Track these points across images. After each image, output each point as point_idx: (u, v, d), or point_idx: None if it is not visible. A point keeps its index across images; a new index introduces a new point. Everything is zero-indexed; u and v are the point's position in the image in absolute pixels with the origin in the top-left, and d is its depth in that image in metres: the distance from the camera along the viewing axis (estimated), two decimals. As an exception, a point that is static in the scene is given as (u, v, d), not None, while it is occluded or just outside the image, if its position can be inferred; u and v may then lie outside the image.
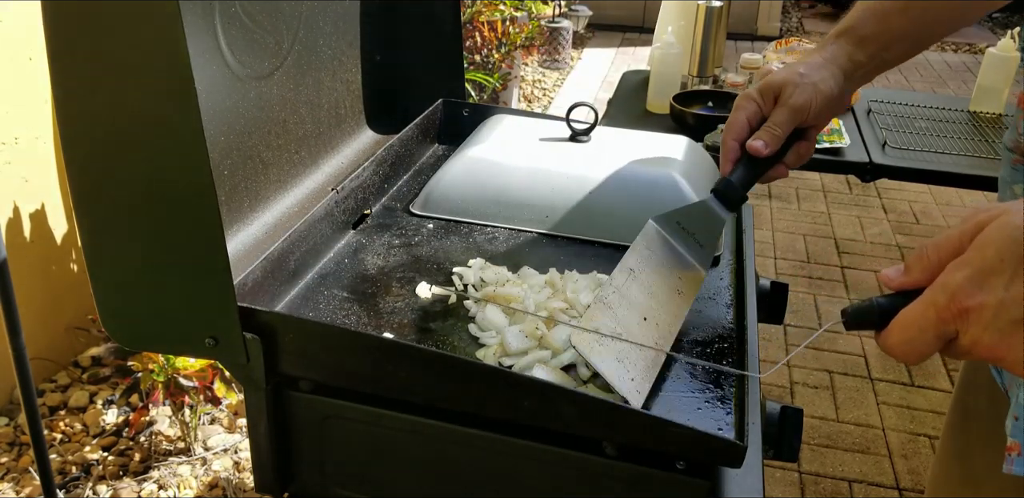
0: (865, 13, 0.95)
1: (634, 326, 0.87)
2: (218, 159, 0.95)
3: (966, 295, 0.54)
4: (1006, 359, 0.54)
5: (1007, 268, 0.53)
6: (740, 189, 0.95)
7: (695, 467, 0.77)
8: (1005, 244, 0.53)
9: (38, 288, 2.26)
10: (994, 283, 0.53)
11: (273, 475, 0.92)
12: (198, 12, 0.89)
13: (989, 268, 0.53)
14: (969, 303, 0.54)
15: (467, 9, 3.86)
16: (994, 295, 0.53)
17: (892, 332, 0.59)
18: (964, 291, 0.54)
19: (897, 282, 0.60)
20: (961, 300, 0.54)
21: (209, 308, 0.82)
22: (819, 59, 0.95)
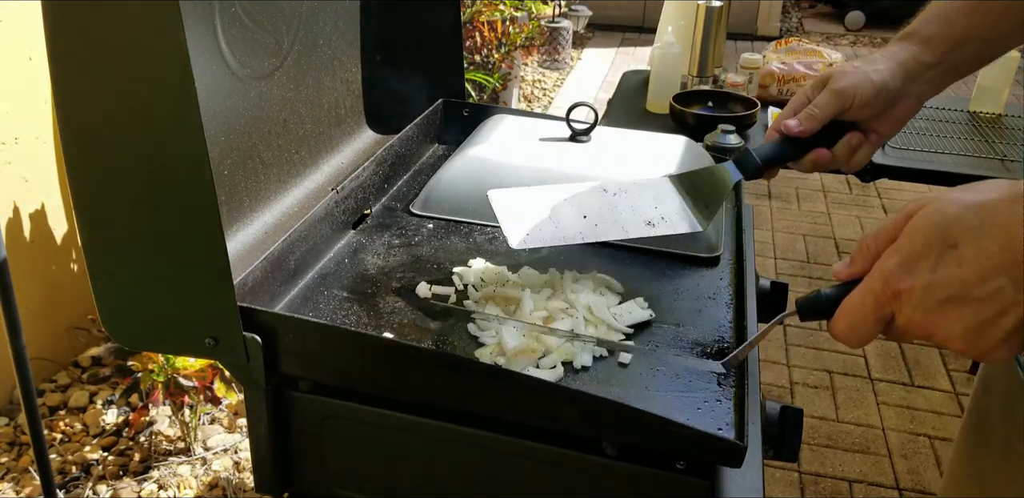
0: (929, 15, 0.93)
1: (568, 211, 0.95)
2: (218, 159, 0.95)
3: (897, 279, 0.59)
4: (936, 335, 0.59)
5: (932, 253, 0.58)
6: (756, 159, 0.94)
7: (695, 467, 0.77)
8: (930, 231, 0.58)
9: (38, 288, 2.26)
10: (921, 267, 0.58)
11: (273, 475, 0.92)
12: (198, 12, 0.89)
13: (917, 254, 0.58)
14: (900, 286, 0.59)
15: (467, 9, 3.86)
16: (921, 278, 0.58)
17: (838, 319, 0.65)
18: (896, 276, 0.59)
19: (844, 273, 0.66)
20: (893, 284, 0.59)
21: (209, 308, 0.82)
22: (879, 56, 0.93)
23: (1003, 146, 2.35)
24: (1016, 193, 0.56)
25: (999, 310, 0.56)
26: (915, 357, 2.69)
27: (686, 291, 1.03)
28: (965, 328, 0.57)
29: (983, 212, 0.57)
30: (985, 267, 0.56)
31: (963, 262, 0.57)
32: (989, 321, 0.56)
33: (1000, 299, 0.56)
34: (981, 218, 0.57)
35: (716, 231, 1.12)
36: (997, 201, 0.57)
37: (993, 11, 0.90)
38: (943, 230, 0.57)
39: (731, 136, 1.91)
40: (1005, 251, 0.55)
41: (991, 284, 0.56)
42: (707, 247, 1.10)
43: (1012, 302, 0.55)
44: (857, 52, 6.26)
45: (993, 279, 0.55)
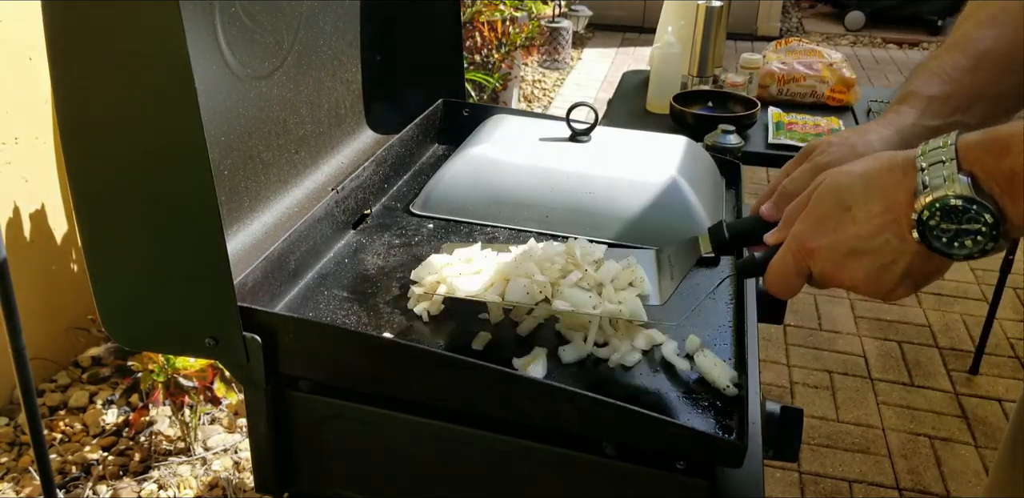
0: (927, 75, 0.86)
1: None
2: (218, 159, 0.95)
3: (808, 239, 0.70)
4: (845, 282, 0.70)
5: (832, 216, 0.69)
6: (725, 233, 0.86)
7: (695, 467, 0.77)
8: (829, 198, 0.69)
9: (38, 288, 2.26)
10: (825, 228, 0.69)
11: (273, 475, 0.92)
12: (198, 12, 0.89)
13: (821, 217, 0.70)
14: (811, 245, 0.70)
15: (467, 9, 3.86)
16: (827, 237, 0.69)
17: (769, 275, 0.75)
18: (806, 236, 0.70)
19: (772, 239, 0.77)
20: (805, 243, 0.71)
21: (209, 308, 0.82)
22: (874, 124, 0.87)
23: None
24: (894, 162, 0.66)
25: (890, 259, 0.67)
26: (915, 357, 2.69)
27: (686, 291, 1.03)
28: (866, 274, 0.68)
29: (867, 179, 0.67)
30: (874, 225, 0.66)
31: (856, 221, 0.67)
32: (884, 267, 0.67)
33: (889, 250, 0.66)
34: (866, 185, 0.67)
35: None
36: (878, 170, 0.67)
37: (996, 66, 0.85)
38: (839, 197, 0.68)
39: (731, 136, 1.91)
40: (886, 211, 0.65)
41: (880, 238, 0.66)
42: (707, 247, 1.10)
43: (899, 252, 0.66)
44: (857, 52, 6.26)
45: (881, 234, 0.66)
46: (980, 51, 0.85)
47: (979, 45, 0.86)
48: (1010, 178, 0.60)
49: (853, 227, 0.67)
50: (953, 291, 3.08)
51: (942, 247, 0.63)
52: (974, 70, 0.85)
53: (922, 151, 0.64)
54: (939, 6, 6.49)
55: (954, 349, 2.73)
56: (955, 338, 2.80)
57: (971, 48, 0.86)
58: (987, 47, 0.85)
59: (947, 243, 0.63)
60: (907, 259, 0.66)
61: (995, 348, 2.71)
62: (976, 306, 2.97)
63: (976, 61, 0.85)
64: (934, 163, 0.63)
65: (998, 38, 0.85)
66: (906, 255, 0.66)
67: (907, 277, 0.67)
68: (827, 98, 2.55)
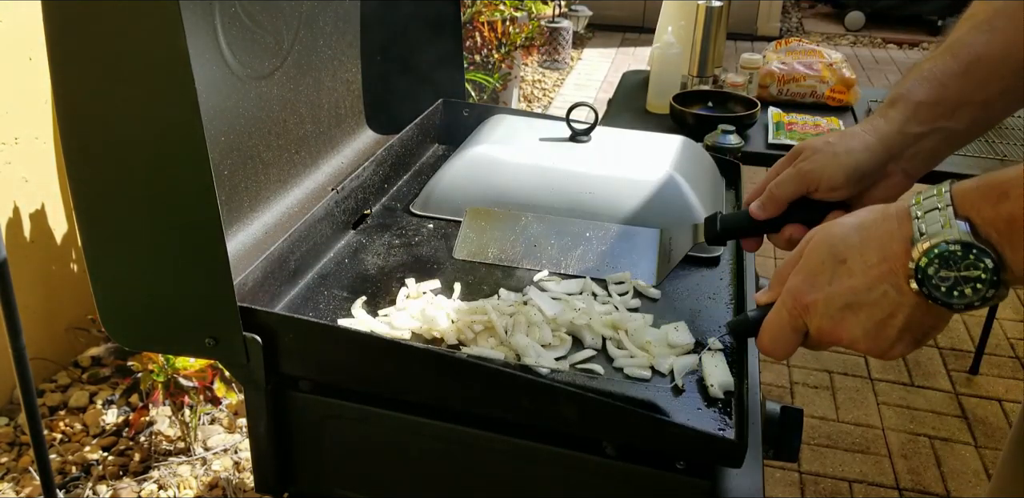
0: (916, 78, 0.86)
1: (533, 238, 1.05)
2: (218, 159, 0.95)
3: (802, 293, 0.69)
4: (843, 339, 0.68)
5: (827, 269, 0.67)
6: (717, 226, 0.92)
7: (695, 467, 0.77)
8: (823, 251, 0.68)
9: (38, 288, 2.26)
10: (820, 281, 0.68)
11: (273, 475, 0.92)
12: (198, 12, 0.89)
13: (815, 271, 0.68)
14: (806, 300, 0.68)
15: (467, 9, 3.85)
16: (822, 291, 0.67)
17: (762, 335, 0.73)
18: (801, 291, 0.69)
19: (764, 298, 0.75)
20: (800, 298, 0.69)
21: (209, 308, 0.82)
22: (858, 129, 0.87)
23: (1003, 146, 2.35)
24: (888, 212, 0.65)
25: (889, 312, 0.65)
26: (915, 357, 2.69)
27: (686, 291, 1.03)
28: (864, 330, 0.66)
29: (862, 230, 0.66)
30: (870, 276, 0.65)
31: (852, 274, 0.66)
32: (882, 322, 0.65)
33: (887, 302, 0.64)
34: (861, 235, 0.66)
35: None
36: (872, 220, 0.66)
37: (985, 71, 0.84)
38: (833, 249, 0.67)
39: (731, 136, 1.91)
40: (883, 261, 0.64)
41: (877, 290, 0.65)
42: (707, 247, 1.10)
43: (897, 304, 0.64)
44: (857, 52, 6.26)
45: (878, 286, 0.64)
46: (972, 56, 0.84)
47: (971, 50, 0.85)
48: (1009, 224, 0.59)
49: (849, 280, 0.66)
50: (953, 291, 3.08)
51: (942, 296, 0.61)
52: (963, 75, 0.84)
53: (916, 200, 0.64)
54: (939, 6, 6.49)
55: (954, 349, 2.73)
56: (955, 338, 2.80)
57: (963, 53, 0.85)
58: (979, 52, 0.84)
59: (946, 292, 0.61)
60: (906, 311, 0.64)
61: (995, 348, 2.71)
62: (976, 306, 2.96)
63: (966, 66, 0.84)
64: (930, 210, 0.62)
65: (990, 43, 0.84)
66: (905, 307, 0.64)
67: (907, 331, 0.65)
68: (827, 98, 2.55)
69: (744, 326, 0.78)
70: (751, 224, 0.89)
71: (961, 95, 0.84)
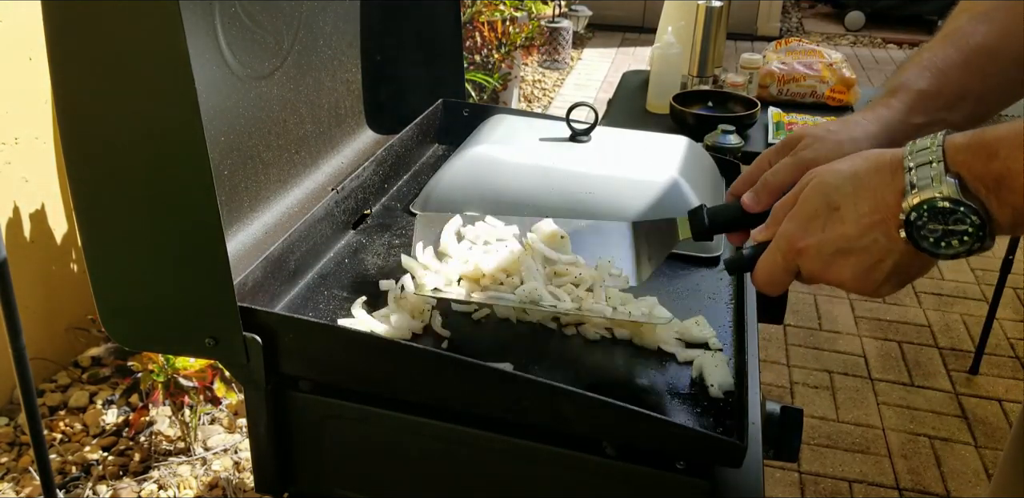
0: (918, 68, 0.86)
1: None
2: (218, 159, 0.95)
3: (796, 238, 0.71)
4: (833, 280, 0.71)
5: (821, 214, 0.69)
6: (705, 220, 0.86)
7: (695, 467, 0.77)
8: (817, 198, 0.70)
9: (38, 288, 2.26)
10: (814, 227, 0.70)
11: (273, 475, 0.92)
12: (198, 12, 0.89)
13: (809, 217, 0.70)
14: (800, 244, 0.71)
15: (467, 9, 3.86)
16: (815, 237, 0.70)
17: (757, 272, 0.76)
18: (795, 236, 0.71)
19: (760, 236, 0.78)
20: (794, 242, 0.71)
21: (209, 308, 0.82)
22: (860, 117, 0.85)
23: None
24: (881, 162, 0.67)
25: (878, 258, 0.68)
26: (915, 357, 2.69)
27: (686, 291, 1.03)
28: (854, 273, 0.69)
29: (856, 179, 0.68)
30: (862, 225, 0.67)
31: (844, 221, 0.68)
32: (871, 266, 0.68)
33: (876, 249, 0.67)
34: (854, 185, 0.68)
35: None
36: (866, 170, 0.68)
37: (984, 63, 0.84)
38: (827, 196, 0.69)
39: (731, 136, 1.91)
40: (874, 211, 0.66)
41: (868, 238, 0.67)
42: (707, 247, 1.10)
43: (887, 251, 0.67)
44: (857, 52, 6.26)
45: (869, 234, 0.67)
46: (971, 46, 0.85)
47: (971, 40, 0.85)
48: (997, 181, 0.61)
49: (841, 227, 0.68)
50: (953, 291, 3.08)
51: (929, 247, 0.64)
52: (964, 65, 0.85)
53: (909, 150, 0.65)
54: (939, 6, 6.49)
55: (954, 349, 2.73)
56: (955, 338, 2.80)
57: (963, 42, 0.86)
58: (978, 43, 0.85)
59: (934, 243, 0.64)
60: (894, 258, 0.67)
61: (995, 348, 2.71)
62: (976, 306, 2.97)
63: (967, 56, 0.85)
64: (922, 164, 0.64)
65: (988, 34, 0.85)
66: (894, 254, 0.67)
67: (894, 275, 0.69)
68: (827, 98, 2.55)
69: (740, 263, 0.80)
70: (742, 217, 0.84)
71: (961, 86, 0.85)
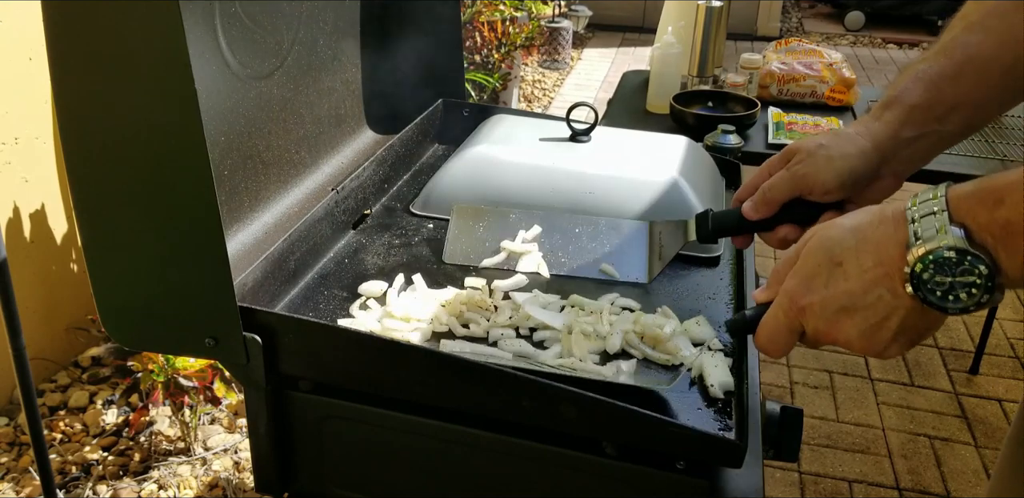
0: (911, 80, 0.86)
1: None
2: (218, 159, 0.95)
3: (799, 296, 0.69)
4: (839, 340, 0.68)
5: (823, 271, 0.67)
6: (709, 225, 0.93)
7: (695, 467, 0.77)
8: (819, 253, 0.68)
9: (38, 288, 2.26)
10: (817, 284, 0.68)
11: (273, 475, 0.92)
12: (198, 12, 0.89)
13: (811, 273, 0.68)
14: (802, 302, 0.68)
15: (467, 9, 3.85)
16: (818, 294, 0.67)
17: (759, 334, 0.73)
18: (797, 293, 0.69)
19: (762, 297, 0.75)
20: (796, 301, 0.69)
21: (209, 308, 0.82)
22: (852, 131, 0.87)
23: (1003, 146, 2.35)
24: (884, 215, 0.65)
25: (884, 315, 0.65)
26: (915, 357, 2.69)
27: (686, 291, 1.03)
28: (860, 332, 0.66)
29: (858, 233, 0.66)
30: (865, 280, 0.65)
31: (848, 277, 0.66)
32: (878, 324, 0.66)
33: (882, 306, 0.65)
34: (857, 238, 0.66)
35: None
36: (868, 223, 0.66)
37: (978, 73, 0.84)
38: (829, 252, 0.67)
39: (731, 136, 1.91)
40: (878, 265, 0.64)
41: (873, 294, 0.65)
42: (707, 247, 1.10)
43: (892, 307, 0.64)
44: (857, 52, 6.26)
45: (873, 290, 0.65)
46: (965, 58, 0.84)
47: (965, 51, 0.85)
48: (1005, 229, 0.59)
49: (845, 283, 0.66)
50: (953, 291, 3.08)
51: (936, 301, 0.62)
52: (957, 77, 0.84)
53: (912, 203, 0.63)
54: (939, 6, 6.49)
55: (954, 349, 2.73)
56: (955, 338, 2.80)
57: (957, 54, 0.85)
58: (972, 53, 0.84)
59: (941, 297, 0.61)
60: (901, 314, 0.64)
61: (995, 348, 2.71)
62: (976, 306, 2.96)
63: (960, 68, 0.84)
64: (926, 215, 0.62)
65: (982, 44, 0.84)
66: (900, 310, 0.64)
67: (901, 333, 0.66)
68: (827, 98, 2.55)
69: (742, 324, 0.78)
70: (743, 223, 0.90)
71: (955, 98, 0.84)
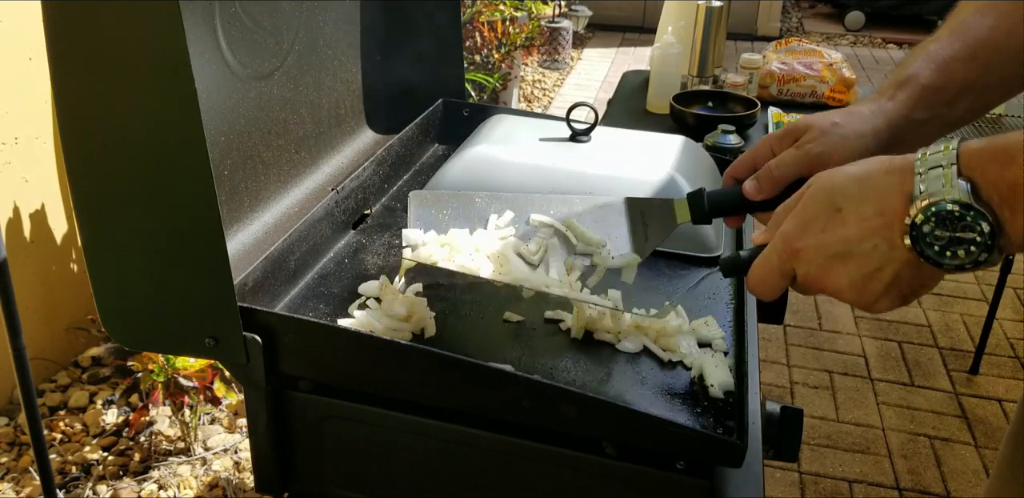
0: (924, 61, 0.85)
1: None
2: (218, 159, 0.95)
3: (794, 238, 0.68)
4: (828, 287, 0.67)
5: (822, 216, 0.66)
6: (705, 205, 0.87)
7: (695, 467, 0.77)
8: (820, 198, 0.67)
9: (38, 288, 2.26)
10: (813, 228, 0.67)
11: (273, 475, 0.92)
12: (198, 12, 0.89)
13: (809, 217, 0.67)
14: (797, 245, 0.68)
15: (467, 9, 3.86)
16: (814, 238, 0.67)
17: (751, 274, 0.73)
18: (793, 235, 0.68)
19: (759, 239, 0.74)
20: (791, 243, 0.68)
21: (209, 308, 0.82)
22: (866, 111, 0.85)
23: (1003, 146, 2.34)
24: (892, 165, 0.64)
25: (877, 265, 0.64)
26: (915, 357, 2.69)
27: (686, 291, 1.03)
28: (851, 280, 0.66)
29: (862, 181, 0.65)
30: (864, 228, 0.64)
31: (846, 224, 0.65)
32: (870, 275, 0.65)
33: (877, 256, 0.64)
34: (860, 186, 0.65)
35: (716, 231, 1.12)
36: (875, 172, 0.65)
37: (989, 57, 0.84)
38: (830, 197, 0.66)
39: (731, 136, 1.91)
40: (878, 215, 0.63)
41: (869, 242, 0.64)
42: (707, 247, 1.10)
43: (887, 258, 0.64)
44: (857, 52, 6.26)
45: (870, 238, 0.64)
46: (976, 41, 0.84)
47: (976, 34, 0.84)
48: (1012, 188, 0.58)
49: (842, 229, 0.65)
50: (953, 291, 3.08)
51: (934, 256, 0.61)
52: (968, 61, 0.84)
53: (922, 155, 0.62)
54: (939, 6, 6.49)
55: (954, 349, 2.73)
56: (955, 338, 2.80)
57: (969, 37, 0.85)
58: (983, 37, 0.84)
59: (939, 252, 0.61)
60: (895, 267, 0.64)
61: (995, 348, 2.71)
62: (976, 306, 2.97)
63: (972, 51, 0.84)
64: (933, 167, 0.61)
65: (994, 28, 0.84)
66: (894, 262, 0.64)
67: (893, 287, 0.65)
68: (827, 98, 2.55)
69: (735, 265, 0.77)
70: (743, 203, 0.86)
71: (965, 81, 0.84)
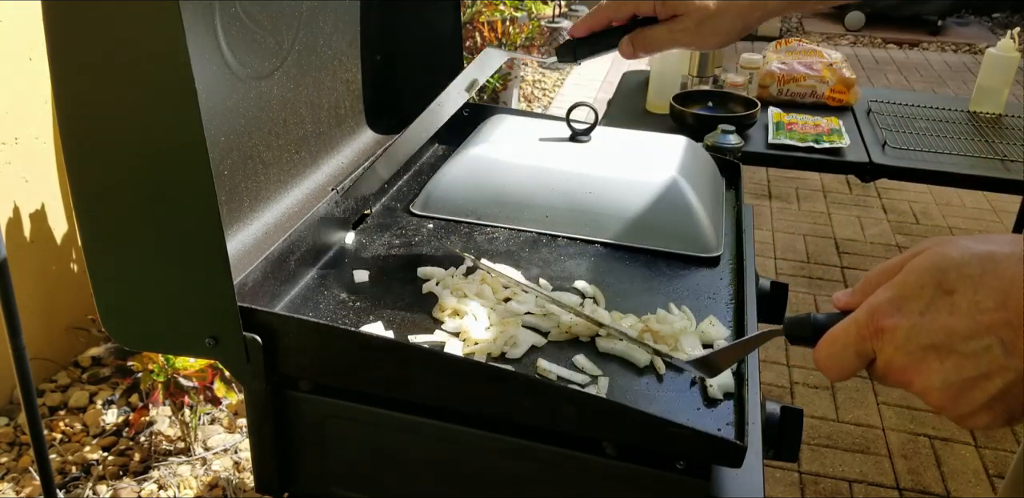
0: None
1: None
2: (218, 159, 0.95)
3: (884, 314, 0.55)
4: (914, 383, 0.55)
5: (925, 294, 0.54)
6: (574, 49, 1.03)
7: (695, 467, 0.77)
8: (928, 272, 0.54)
9: (38, 288, 2.26)
10: (911, 307, 0.54)
11: (273, 475, 0.92)
12: (198, 12, 0.89)
13: (909, 293, 0.55)
14: (885, 323, 0.55)
15: (467, 9, 3.85)
16: (908, 318, 0.54)
17: (821, 346, 0.60)
18: (883, 310, 0.55)
19: (842, 302, 0.62)
20: (879, 319, 0.56)
21: (209, 308, 0.82)
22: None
23: (1003, 146, 2.35)
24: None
25: (984, 372, 0.52)
26: (915, 357, 2.68)
27: (686, 291, 1.03)
28: (945, 382, 0.53)
29: (988, 263, 0.52)
30: (977, 321, 0.52)
31: (955, 311, 0.52)
32: (972, 381, 0.52)
33: (987, 360, 0.52)
34: (984, 268, 0.52)
35: (716, 231, 1.12)
36: (1006, 254, 0.52)
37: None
38: (942, 274, 0.53)
39: (731, 136, 1.91)
40: (1000, 308, 0.51)
41: (980, 341, 0.52)
42: (707, 247, 1.10)
43: (1000, 366, 0.51)
44: (857, 52, 6.26)
45: (983, 336, 0.52)
46: None
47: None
48: None
49: (949, 317, 0.52)
50: (953, 291, 3.08)
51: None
52: None
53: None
54: (939, 6, 6.50)
55: (954, 349, 2.73)
56: (955, 338, 2.79)
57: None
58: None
59: None
60: (1007, 378, 0.51)
61: (995, 348, 2.71)
62: (976, 306, 2.96)
63: None
64: None
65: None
66: (1007, 372, 0.51)
67: (999, 401, 0.52)
68: (827, 98, 2.55)
69: (803, 330, 0.63)
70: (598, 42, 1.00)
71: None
